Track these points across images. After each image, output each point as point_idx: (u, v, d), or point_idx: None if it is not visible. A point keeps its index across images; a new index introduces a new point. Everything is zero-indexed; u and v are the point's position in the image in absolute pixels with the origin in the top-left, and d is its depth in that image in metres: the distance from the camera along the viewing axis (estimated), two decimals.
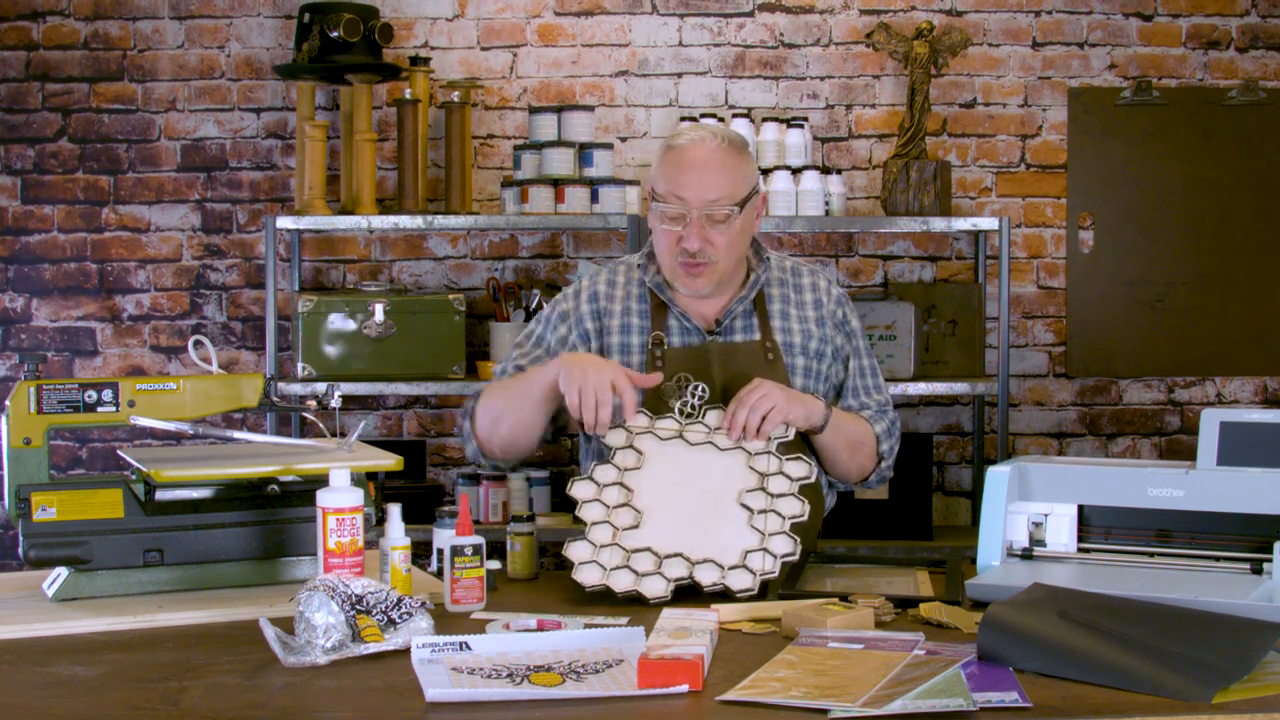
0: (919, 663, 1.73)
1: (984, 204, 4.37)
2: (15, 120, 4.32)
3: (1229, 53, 4.37)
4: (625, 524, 2.22)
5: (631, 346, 2.55)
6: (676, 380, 2.46)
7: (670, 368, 2.50)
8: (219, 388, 2.28)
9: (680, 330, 2.55)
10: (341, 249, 4.35)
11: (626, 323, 2.57)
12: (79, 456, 4.35)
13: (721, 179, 2.46)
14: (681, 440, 2.35)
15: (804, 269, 2.66)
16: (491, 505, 4.07)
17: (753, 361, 2.52)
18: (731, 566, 2.16)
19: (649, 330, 2.55)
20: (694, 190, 2.45)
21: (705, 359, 2.51)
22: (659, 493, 2.27)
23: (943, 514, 4.38)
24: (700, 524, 2.22)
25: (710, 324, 2.56)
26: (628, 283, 2.61)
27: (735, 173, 2.48)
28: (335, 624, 1.83)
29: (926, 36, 4.13)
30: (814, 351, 2.58)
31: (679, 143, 2.50)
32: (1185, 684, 1.64)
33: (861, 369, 2.66)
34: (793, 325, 2.58)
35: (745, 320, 2.57)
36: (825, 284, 2.65)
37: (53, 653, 1.90)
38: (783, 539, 2.21)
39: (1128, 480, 2.22)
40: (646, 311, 2.57)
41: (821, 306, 2.62)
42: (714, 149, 2.48)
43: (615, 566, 2.16)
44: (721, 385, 2.48)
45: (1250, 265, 4.37)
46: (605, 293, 2.60)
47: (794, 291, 2.62)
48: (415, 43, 4.32)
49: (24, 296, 4.33)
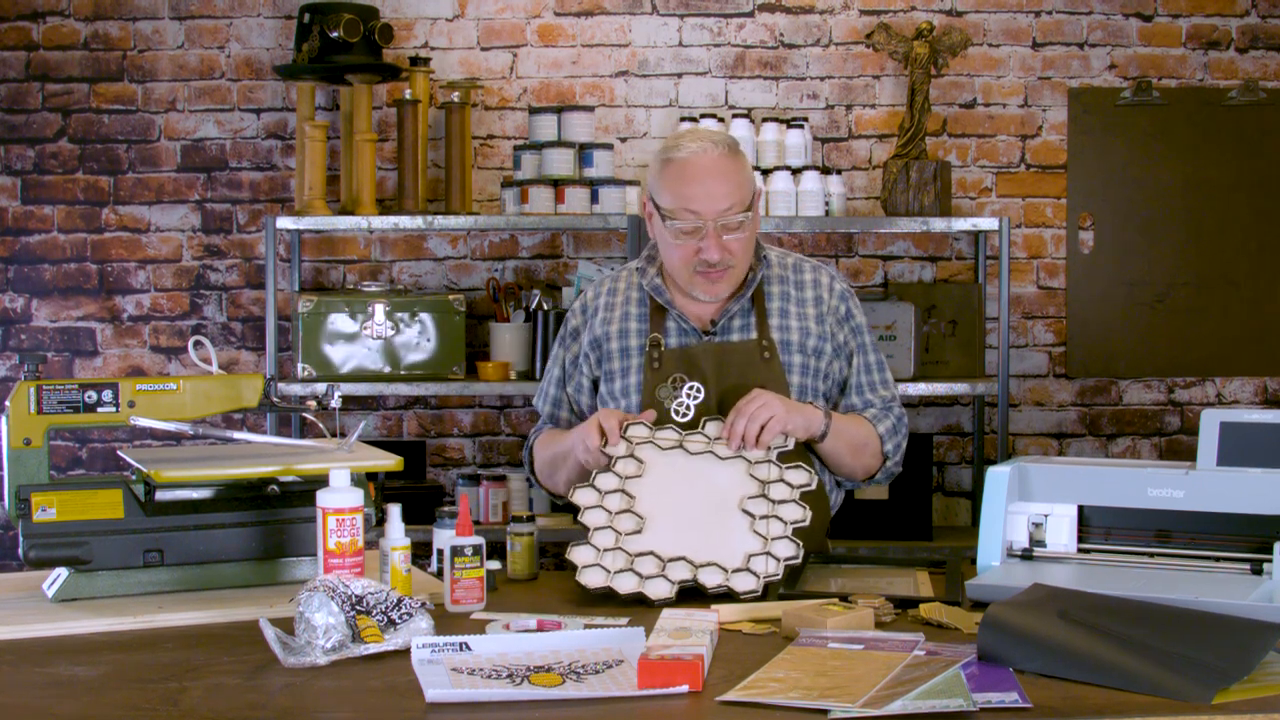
0: (919, 663, 1.73)
1: (984, 204, 4.37)
2: (15, 120, 4.32)
3: (1229, 53, 4.37)
4: (628, 529, 2.23)
5: (630, 350, 2.57)
6: (671, 380, 2.49)
7: (667, 368, 2.51)
8: (219, 388, 2.28)
9: (678, 331, 2.56)
10: (341, 249, 4.35)
11: (625, 328, 2.59)
12: (79, 457, 4.35)
13: (729, 186, 2.47)
14: (682, 450, 2.36)
15: (806, 265, 2.66)
16: (491, 506, 4.07)
17: (748, 360, 2.52)
18: (735, 569, 2.17)
19: (647, 333, 2.57)
20: (705, 202, 2.45)
21: (701, 359, 2.52)
22: (661, 499, 2.27)
23: (943, 514, 4.38)
24: (702, 529, 2.23)
25: (706, 324, 2.56)
26: (627, 289, 2.64)
27: (739, 177, 2.49)
28: (335, 624, 1.83)
29: (926, 37, 4.13)
30: (812, 349, 2.58)
31: (679, 156, 2.49)
32: (1185, 684, 1.64)
33: (867, 365, 2.65)
34: (791, 323, 2.58)
35: (743, 319, 2.57)
36: (828, 280, 2.65)
37: (53, 653, 1.90)
38: (785, 543, 2.22)
39: (1128, 481, 2.22)
40: (645, 315, 2.59)
41: (822, 303, 2.62)
42: (716, 158, 2.47)
43: (619, 570, 2.17)
44: (717, 384, 2.49)
45: (1250, 265, 4.37)
46: (606, 303, 2.63)
47: (794, 289, 2.62)
48: (415, 43, 4.32)
49: (24, 297, 4.33)
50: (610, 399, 2.57)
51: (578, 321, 2.66)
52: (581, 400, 2.64)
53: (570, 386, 2.66)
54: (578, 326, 2.66)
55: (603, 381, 2.59)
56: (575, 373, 2.64)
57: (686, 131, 2.63)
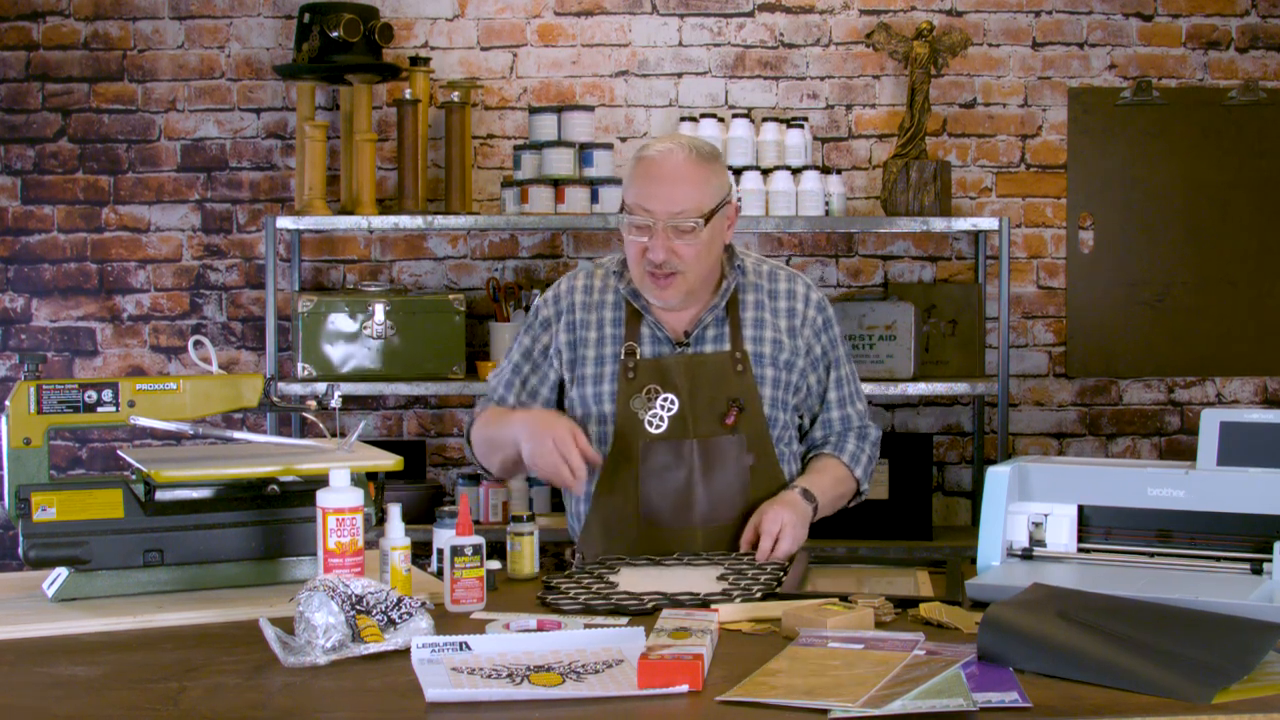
0: (919, 663, 1.73)
1: (984, 204, 4.37)
2: (15, 120, 4.32)
3: (1229, 53, 4.37)
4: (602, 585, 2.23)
5: (605, 357, 2.57)
6: (646, 392, 2.51)
7: (641, 379, 2.53)
8: (219, 388, 2.28)
9: (652, 339, 2.57)
10: (341, 249, 4.35)
11: (601, 334, 2.59)
12: (79, 456, 4.35)
13: (688, 191, 2.46)
14: (655, 564, 2.39)
15: (781, 274, 2.65)
16: (491, 505, 4.07)
17: (722, 373, 2.54)
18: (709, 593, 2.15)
19: (621, 340, 2.57)
20: (660, 202, 2.46)
21: (674, 371, 2.53)
22: (636, 582, 2.25)
23: (943, 514, 4.38)
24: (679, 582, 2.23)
25: (680, 334, 2.57)
26: (604, 289, 2.63)
27: (703, 185, 2.48)
28: (335, 624, 1.82)
29: (926, 37, 4.13)
30: (784, 363, 2.59)
31: (648, 154, 2.51)
32: (1185, 684, 1.64)
33: (842, 379, 2.67)
34: (765, 334, 2.59)
35: (716, 329, 2.57)
36: (804, 290, 2.64)
37: (53, 653, 1.90)
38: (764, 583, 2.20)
39: (1128, 480, 2.22)
40: (620, 320, 2.59)
41: (796, 315, 2.61)
42: (681, 161, 2.47)
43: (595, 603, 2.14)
44: (690, 396, 2.51)
45: (1250, 265, 4.37)
46: (582, 301, 2.62)
47: (769, 298, 2.61)
48: (415, 43, 4.32)
49: (24, 296, 4.33)
50: (581, 404, 2.58)
51: (549, 313, 2.64)
52: (543, 391, 2.63)
53: (535, 377, 2.64)
54: (549, 318, 2.64)
55: (575, 384, 2.59)
56: (544, 364, 2.63)
57: (668, 134, 2.63)
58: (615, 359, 2.56)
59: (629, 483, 2.53)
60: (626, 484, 2.54)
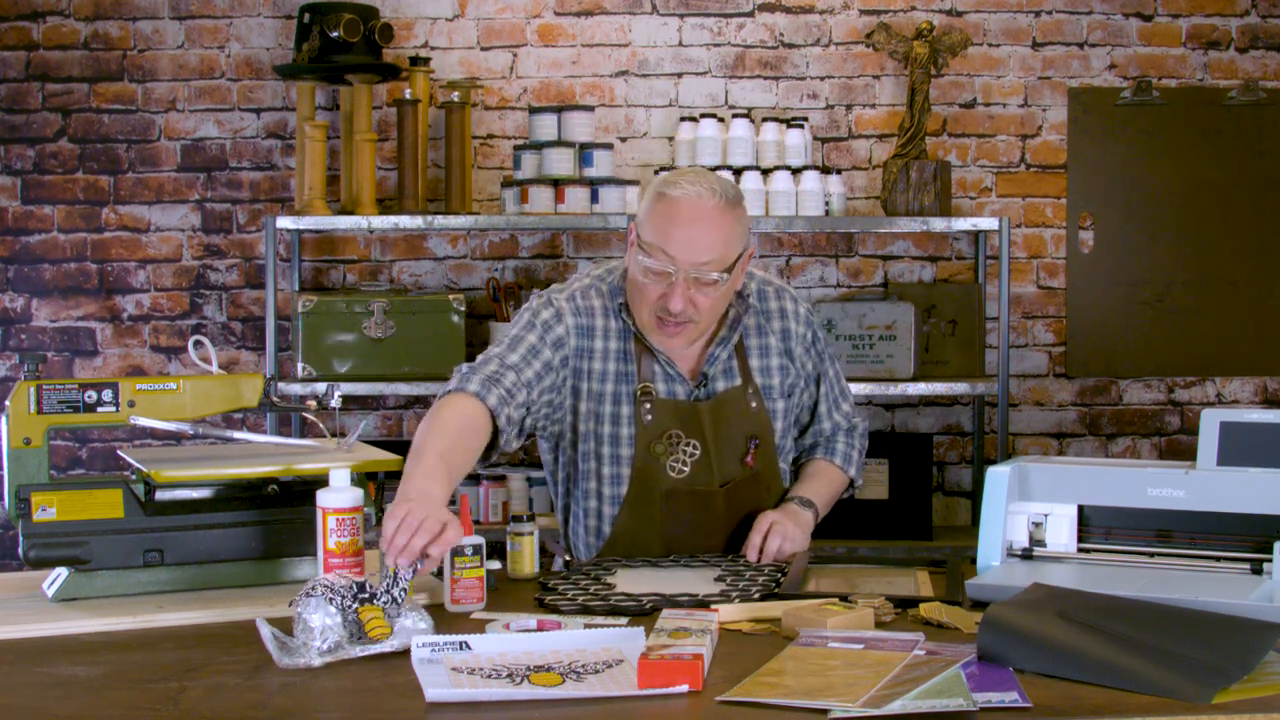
0: (919, 663, 1.73)
1: (984, 204, 4.37)
2: (15, 120, 4.32)
3: (1229, 53, 4.37)
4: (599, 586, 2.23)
5: (605, 395, 2.47)
6: (666, 437, 2.46)
7: (660, 423, 2.46)
8: (219, 388, 2.28)
9: (664, 377, 2.48)
10: (341, 249, 4.35)
11: (605, 369, 2.47)
12: (79, 456, 4.35)
13: (714, 239, 2.32)
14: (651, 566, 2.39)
15: (770, 291, 2.60)
16: (491, 505, 4.07)
17: (739, 413, 2.51)
18: (707, 594, 2.15)
19: (627, 377, 2.47)
20: (684, 249, 2.32)
21: (695, 416, 2.47)
22: (633, 583, 2.25)
23: (943, 514, 4.38)
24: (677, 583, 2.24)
25: (693, 369, 2.51)
26: (605, 316, 2.48)
27: (729, 233, 2.35)
28: (332, 625, 1.82)
29: (926, 37, 4.13)
30: (788, 389, 2.58)
31: (673, 193, 2.34)
32: (1185, 684, 1.64)
33: (830, 386, 2.67)
34: (771, 363, 2.56)
35: (726, 364, 2.53)
36: (792, 306, 2.61)
37: (53, 653, 1.90)
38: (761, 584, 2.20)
39: (1128, 480, 2.21)
40: (626, 353, 2.48)
41: (791, 336, 2.59)
42: (710, 207, 2.32)
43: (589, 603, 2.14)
44: (714, 441, 2.48)
45: (1250, 265, 4.37)
46: (585, 326, 2.47)
47: (764, 319, 2.58)
48: (415, 43, 4.32)
49: (24, 296, 4.33)
50: (598, 443, 2.48)
51: (562, 330, 2.45)
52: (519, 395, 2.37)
53: (544, 381, 2.42)
54: (562, 336, 2.45)
55: (588, 419, 2.48)
56: (552, 375, 2.44)
57: (692, 171, 2.44)
58: (615, 399, 2.47)
59: (648, 526, 2.49)
60: (646, 528, 2.49)
